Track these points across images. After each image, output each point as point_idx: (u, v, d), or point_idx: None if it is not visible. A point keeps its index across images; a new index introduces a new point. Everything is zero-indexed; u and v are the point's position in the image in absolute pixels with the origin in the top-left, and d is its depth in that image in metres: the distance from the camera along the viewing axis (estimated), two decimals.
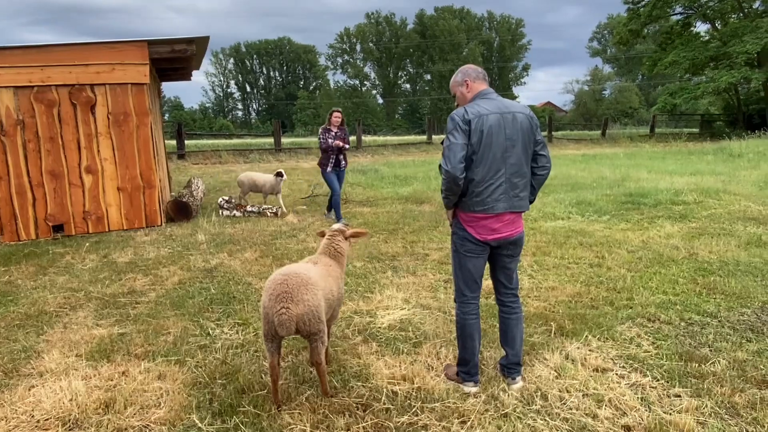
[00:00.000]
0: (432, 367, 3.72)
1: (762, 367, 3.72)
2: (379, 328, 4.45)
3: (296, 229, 8.42)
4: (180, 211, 9.10)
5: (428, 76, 78.08)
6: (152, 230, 8.52)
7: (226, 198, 9.87)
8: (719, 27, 31.79)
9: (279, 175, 10.26)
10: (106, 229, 8.47)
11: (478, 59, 75.39)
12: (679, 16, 33.38)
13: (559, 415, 3.14)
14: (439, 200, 10.76)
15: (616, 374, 3.62)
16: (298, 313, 2.95)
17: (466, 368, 3.48)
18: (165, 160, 11.43)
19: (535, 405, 3.24)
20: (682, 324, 4.53)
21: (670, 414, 3.12)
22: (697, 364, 3.75)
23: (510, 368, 3.54)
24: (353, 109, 72.31)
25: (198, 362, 3.81)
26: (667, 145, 25.83)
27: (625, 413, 3.14)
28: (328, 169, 9.05)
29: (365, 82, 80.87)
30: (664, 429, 2.95)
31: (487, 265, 3.58)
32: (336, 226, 3.93)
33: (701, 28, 34.86)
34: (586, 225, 8.57)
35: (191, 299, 5.21)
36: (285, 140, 22.77)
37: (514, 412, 3.16)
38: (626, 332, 4.34)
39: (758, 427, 3.02)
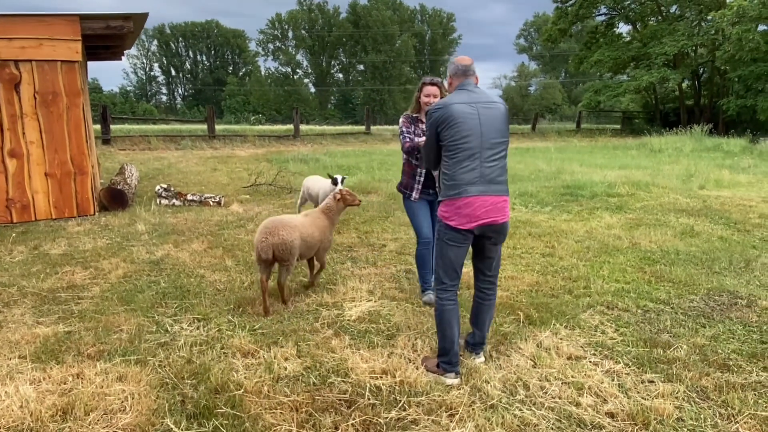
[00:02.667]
0: (410, 360, 3.65)
1: (720, 351, 3.90)
2: (349, 320, 4.32)
3: (243, 219, 8.10)
4: (114, 199, 8.53)
5: (361, 67, 77.78)
6: (84, 220, 7.93)
7: (164, 186, 9.36)
8: (640, 29, 33.49)
9: (335, 183, 7.01)
10: (33, 219, 7.81)
11: (410, 51, 75.91)
12: (603, 17, 34.91)
13: (543, 404, 3.14)
14: (386, 190, 10.70)
15: (590, 362, 3.69)
16: (273, 243, 4.25)
17: (447, 358, 3.44)
18: (94, 145, 10.69)
19: (519, 395, 3.24)
20: (639, 311, 4.69)
21: (648, 399, 3.20)
22: (661, 350, 3.88)
23: (476, 346, 3.72)
24: (285, 98, 71.08)
25: (161, 361, 3.54)
26: (593, 140, 27.02)
27: (606, 400, 3.20)
28: (413, 195, 4.71)
29: (297, 70, 79.60)
30: (646, 414, 3.02)
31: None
32: (337, 188, 5.12)
33: (623, 29, 36.69)
34: (531, 216, 8.76)
35: (141, 294, 4.87)
36: (218, 127, 21.94)
37: (501, 403, 3.14)
38: (590, 320, 4.44)
39: (729, 408, 3.15)
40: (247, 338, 3.92)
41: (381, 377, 3.38)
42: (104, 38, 8.49)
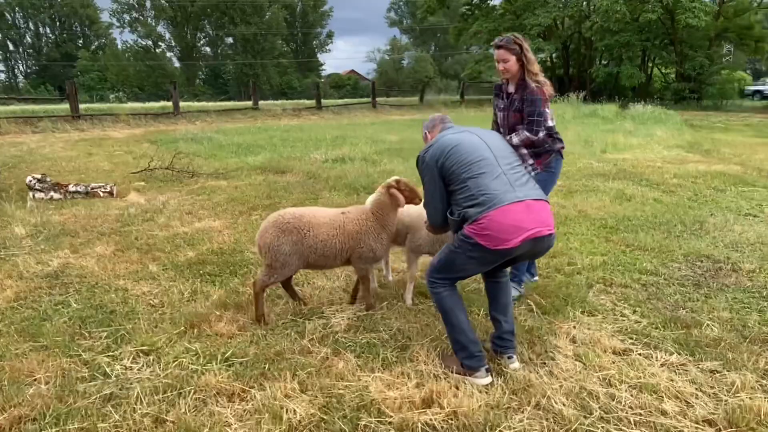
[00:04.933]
0: (445, 378, 2.93)
1: (749, 324, 3.64)
2: (341, 332, 3.50)
3: (148, 210, 6.79)
4: None
5: (230, 40, 73.57)
6: None
7: (38, 176, 7.67)
8: (512, 1, 34.58)
9: None
10: None
11: (281, 24, 72.96)
12: None
13: (629, 420, 2.60)
14: (300, 168, 9.77)
15: (640, 355, 3.22)
16: (260, 243, 3.58)
17: (467, 352, 2.90)
18: None
19: (595, 411, 2.66)
20: (637, 286, 4.37)
21: (730, 396, 2.78)
22: (696, 330, 3.53)
23: (504, 339, 3.11)
24: (147, 73, 65.54)
25: (117, 427, 2.51)
26: (480, 109, 27.54)
27: (689, 403, 2.73)
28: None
29: (159, 43, 73.37)
30: (744, 417, 2.58)
31: None
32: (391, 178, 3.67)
33: (496, 1, 37.78)
34: None
35: (48, 322, 3.65)
36: (82, 106, 19.20)
37: (582, 427, 2.55)
38: (600, 302, 4.04)
39: None
40: (223, 372, 2.97)
41: (425, 410, 2.63)
42: None
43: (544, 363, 3.10)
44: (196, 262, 4.87)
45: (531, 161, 3.85)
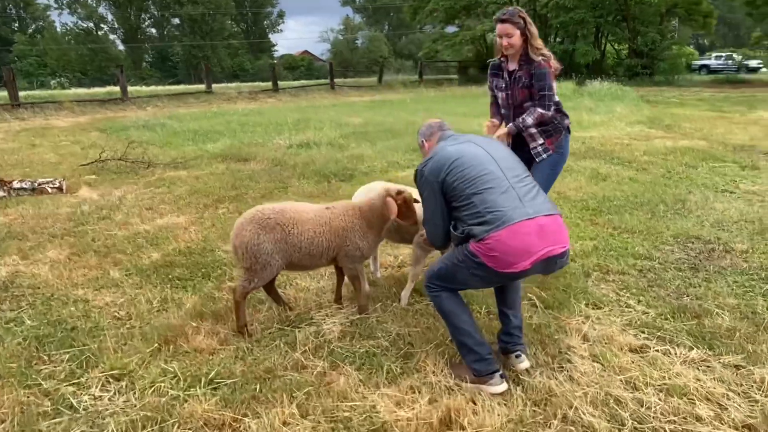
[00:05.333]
0: (457, 391, 2.67)
1: (759, 311, 3.51)
2: (336, 341, 3.19)
3: (104, 207, 6.25)
4: None
5: (177, 20, 70.84)
6: None
7: None
8: None
9: None
10: None
11: (230, 3, 70.67)
12: None
13: (664, 429, 2.40)
14: (264, 154, 9.31)
15: (658, 351, 3.03)
16: (236, 243, 3.19)
17: (476, 355, 2.68)
18: None
19: (627, 422, 2.45)
20: (635, 272, 4.22)
21: (763, 396, 2.61)
22: (707, 320, 3.38)
23: (512, 335, 2.90)
24: (90, 57, 62.61)
25: None
26: (439, 89, 27.32)
27: (723, 406, 2.54)
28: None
29: (102, 25, 70.04)
30: None
31: None
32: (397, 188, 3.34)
33: None
34: None
35: None
36: (21, 93, 17.99)
37: None
38: (602, 292, 3.87)
39: None
40: (209, 398, 2.62)
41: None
42: None
43: (561, 366, 2.87)
44: (162, 265, 4.44)
45: (541, 141, 3.68)
